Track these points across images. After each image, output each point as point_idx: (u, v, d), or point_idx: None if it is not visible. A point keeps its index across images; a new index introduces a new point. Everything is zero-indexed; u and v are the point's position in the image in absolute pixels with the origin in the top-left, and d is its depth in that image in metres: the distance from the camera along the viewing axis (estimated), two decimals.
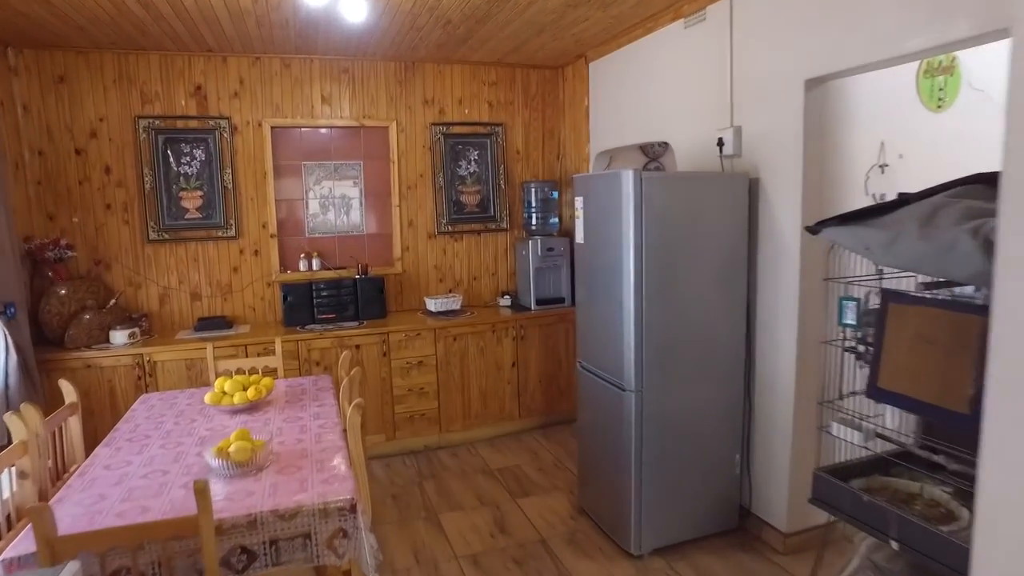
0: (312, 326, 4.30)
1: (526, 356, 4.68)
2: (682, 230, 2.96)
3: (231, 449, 2.19)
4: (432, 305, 4.62)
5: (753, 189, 3.12)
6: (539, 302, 4.76)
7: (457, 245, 4.98)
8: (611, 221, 2.99)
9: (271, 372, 3.61)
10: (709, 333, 3.08)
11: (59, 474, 2.62)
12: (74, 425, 2.77)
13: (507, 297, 4.96)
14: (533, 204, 4.87)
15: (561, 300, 4.83)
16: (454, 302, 4.66)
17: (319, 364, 4.13)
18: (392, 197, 4.76)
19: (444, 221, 4.90)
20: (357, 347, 4.20)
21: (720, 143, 3.27)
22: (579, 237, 3.35)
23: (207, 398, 2.85)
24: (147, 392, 3.82)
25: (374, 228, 4.76)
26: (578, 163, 4.93)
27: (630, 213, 2.85)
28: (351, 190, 4.68)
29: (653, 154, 5.01)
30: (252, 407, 2.90)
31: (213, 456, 2.18)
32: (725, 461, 3.22)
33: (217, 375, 3.42)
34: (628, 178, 2.84)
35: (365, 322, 4.41)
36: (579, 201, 3.31)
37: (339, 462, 2.28)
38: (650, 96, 3.99)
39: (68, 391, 2.76)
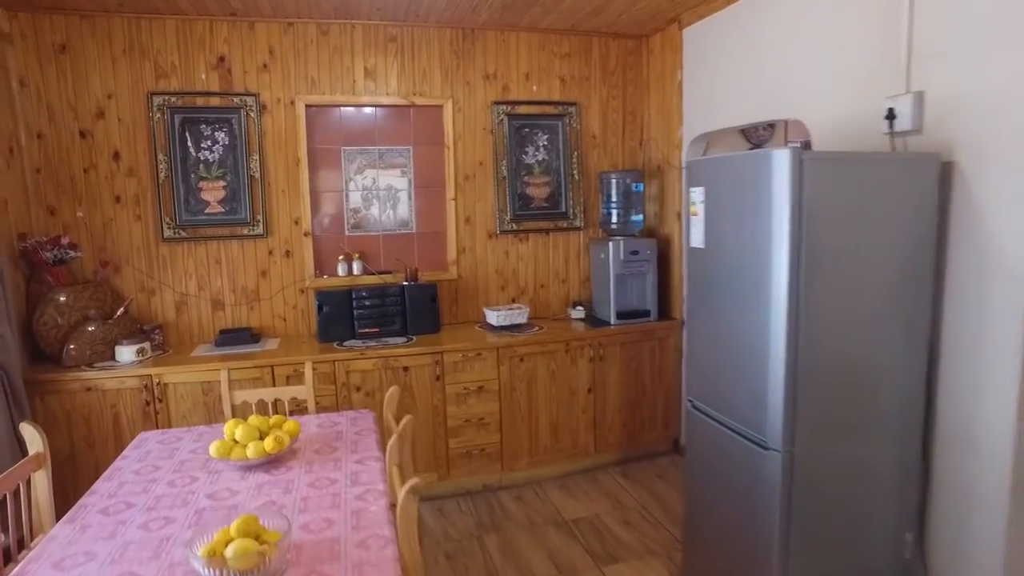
0: (352, 342, 3.60)
1: (604, 380, 3.91)
2: (845, 231, 2.15)
3: (228, 552, 1.49)
4: (493, 318, 3.88)
5: (945, 176, 2.29)
6: (620, 315, 3.98)
7: (522, 246, 4.23)
8: (751, 218, 2.19)
9: (300, 406, 2.94)
10: (876, 371, 2.26)
11: (17, 551, 1.96)
12: (41, 483, 2.11)
13: (580, 308, 4.20)
14: (613, 198, 4.09)
15: (646, 313, 4.04)
16: (520, 315, 3.91)
17: (359, 390, 3.44)
18: (447, 189, 4.04)
19: (507, 218, 4.15)
20: (405, 369, 3.49)
21: (890, 115, 2.44)
22: (695, 239, 2.56)
23: (213, 449, 2.16)
24: (155, 423, 3.19)
25: (425, 226, 4.05)
26: (667, 150, 4.13)
27: (784, 208, 2.06)
28: (398, 180, 3.98)
29: (757, 139, 4.17)
30: (270, 462, 2.21)
31: (203, 563, 1.48)
32: (890, 540, 2.39)
33: (233, 410, 2.75)
34: (783, 160, 2.04)
35: (414, 338, 3.70)
36: (697, 193, 2.52)
37: (387, 571, 1.55)
38: (769, 63, 3.17)
39: (32, 438, 2.10)
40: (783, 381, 2.13)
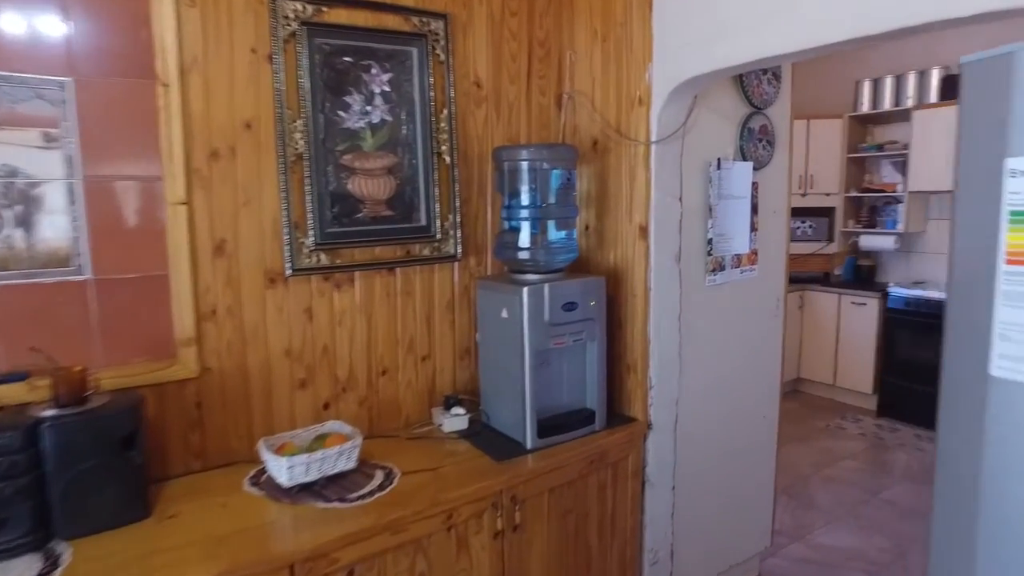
0: None
1: (523, 570, 1.94)
2: None
3: None
4: (283, 471, 1.72)
5: None
6: (544, 429, 2.04)
7: (341, 297, 2.11)
8: None
9: None
10: None
11: None
12: None
13: (459, 412, 2.18)
14: (523, 200, 2.12)
15: (588, 419, 2.14)
16: (343, 456, 1.79)
17: None
18: (167, 180, 1.81)
19: (309, 241, 2.01)
20: None
21: None
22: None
23: None
24: None
25: (115, 264, 1.78)
26: (617, 109, 2.25)
27: None
28: (39, 157, 1.68)
29: (761, 99, 2.46)
30: None
31: None
32: None
33: None
34: None
35: (68, 549, 1.45)
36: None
37: None
38: None
39: None
40: None
